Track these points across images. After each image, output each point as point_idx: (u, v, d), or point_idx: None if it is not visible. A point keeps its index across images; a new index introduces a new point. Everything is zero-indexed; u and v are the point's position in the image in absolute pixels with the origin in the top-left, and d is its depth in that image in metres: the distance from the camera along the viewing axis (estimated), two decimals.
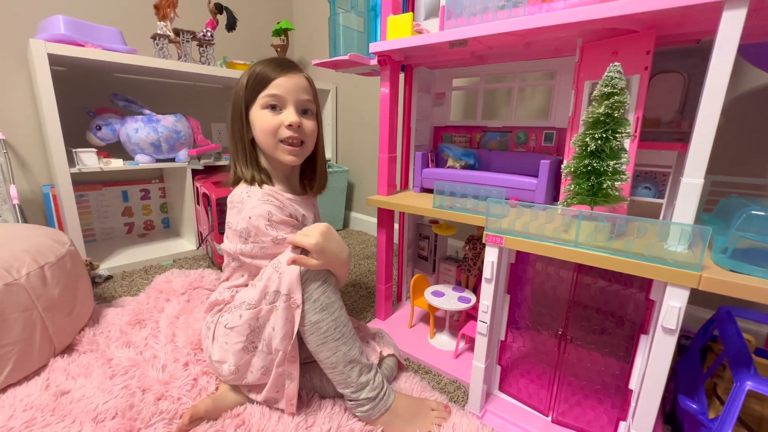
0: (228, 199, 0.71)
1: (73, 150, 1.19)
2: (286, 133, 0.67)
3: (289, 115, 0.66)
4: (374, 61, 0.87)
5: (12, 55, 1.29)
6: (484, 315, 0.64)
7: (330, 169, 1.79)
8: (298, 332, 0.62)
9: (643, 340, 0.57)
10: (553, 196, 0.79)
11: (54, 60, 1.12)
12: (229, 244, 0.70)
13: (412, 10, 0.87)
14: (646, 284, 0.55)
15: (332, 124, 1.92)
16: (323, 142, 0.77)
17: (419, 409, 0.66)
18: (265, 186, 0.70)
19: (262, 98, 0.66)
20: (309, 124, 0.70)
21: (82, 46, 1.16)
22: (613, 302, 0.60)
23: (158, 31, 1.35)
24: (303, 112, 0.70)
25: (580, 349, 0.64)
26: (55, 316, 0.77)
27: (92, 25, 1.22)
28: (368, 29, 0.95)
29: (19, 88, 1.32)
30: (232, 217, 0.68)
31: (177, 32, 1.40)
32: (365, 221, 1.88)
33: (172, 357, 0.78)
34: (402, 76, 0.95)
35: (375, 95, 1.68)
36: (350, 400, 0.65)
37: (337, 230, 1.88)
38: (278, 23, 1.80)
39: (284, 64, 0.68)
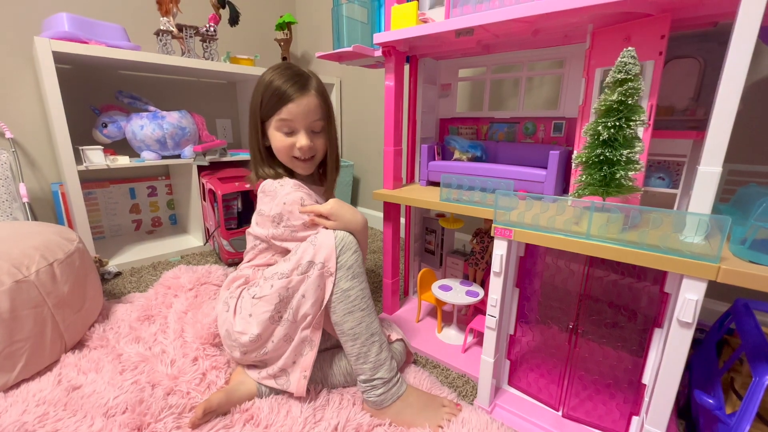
0: (259, 189, 0.77)
1: (80, 148, 1.20)
2: (297, 152, 0.73)
3: (301, 139, 0.72)
4: (378, 53, 0.86)
5: (18, 53, 1.30)
6: (493, 309, 0.63)
7: None
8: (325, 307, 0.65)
9: (657, 334, 0.55)
10: (563, 188, 0.78)
11: (59, 58, 1.12)
12: (260, 229, 0.75)
13: None
14: (660, 277, 0.54)
15: (337, 118, 1.91)
16: (336, 142, 0.81)
17: (430, 403, 0.66)
18: (293, 178, 0.76)
19: (276, 122, 0.72)
20: (319, 142, 0.76)
21: (86, 43, 1.16)
22: (625, 295, 0.59)
23: (161, 27, 1.35)
24: (313, 131, 0.75)
25: (591, 343, 0.63)
26: (65, 312, 0.78)
27: (96, 22, 1.22)
28: (372, 20, 0.94)
29: (26, 86, 1.33)
30: (264, 205, 0.74)
31: (180, 28, 1.39)
32: (371, 216, 1.87)
33: (181, 352, 0.79)
34: (407, 67, 0.93)
35: (380, 88, 1.67)
36: (364, 382, 0.66)
37: None
38: (281, 17, 1.79)
39: (298, 83, 0.71)
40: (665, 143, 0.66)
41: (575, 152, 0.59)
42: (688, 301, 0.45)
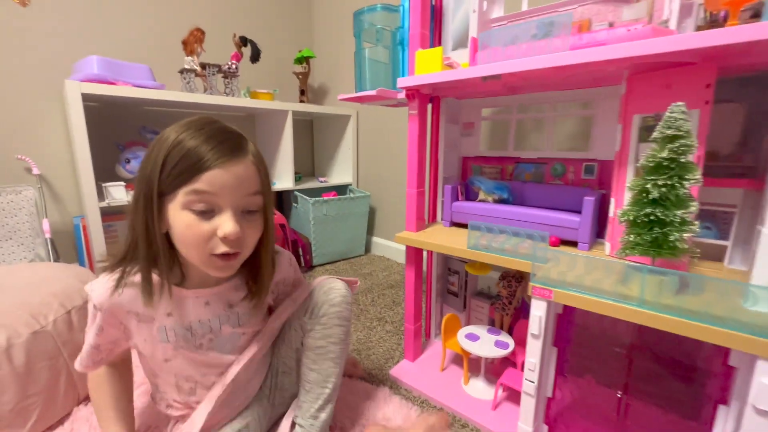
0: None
1: (103, 184, 1.21)
2: (220, 247, 0.47)
3: (226, 223, 0.47)
4: (401, 95, 0.85)
5: (50, 94, 1.34)
6: (531, 374, 0.59)
7: (351, 195, 1.77)
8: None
9: (722, 411, 0.49)
10: (597, 233, 0.74)
11: (87, 97, 1.15)
12: None
13: (440, 44, 0.84)
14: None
15: (354, 148, 1.91)
16: (273, 234, 0.56)
17: None
18: (183, 285, 0.54)
19: (186, 195, 0.46)
20: (251, 230, 0.50)
21: (114, 84, 1.19)
22: (681, 352, 0.53)
23: (186, 66, 1.39)
24: (246, 211, 0.50)
25: (643, 408, 0.57)
26: None
27: (123, 63, 1.26)
28: (393, 60, 0.94)
29: (55, 124, 1.37)
30: None
31: (203, 66, 1.43)
32: (387, 246, 1.84)
33: None
34: (429, 106, 0.92)
35: (397, 119, 1.67)
36: None
37: (359, 256, 1.86)
38: (300, 51, 1.83)
39: (224, 143, 0.48)
40: (710, 191, 0.62)
41: (620, 210, 0.55)
42: (765, 386, 0.40)
